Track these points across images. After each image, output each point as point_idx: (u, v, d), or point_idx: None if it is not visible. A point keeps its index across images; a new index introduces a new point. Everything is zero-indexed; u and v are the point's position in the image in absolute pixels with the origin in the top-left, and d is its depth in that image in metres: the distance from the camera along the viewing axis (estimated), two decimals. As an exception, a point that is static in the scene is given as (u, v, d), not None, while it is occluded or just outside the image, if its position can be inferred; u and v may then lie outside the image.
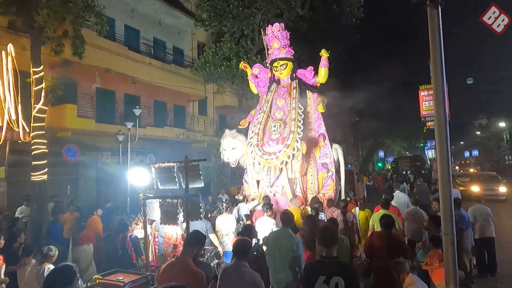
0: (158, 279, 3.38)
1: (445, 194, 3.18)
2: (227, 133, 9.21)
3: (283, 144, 8.08)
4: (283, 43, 9.41)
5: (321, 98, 9.40)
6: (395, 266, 4.08)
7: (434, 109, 3.26)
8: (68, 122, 12.76)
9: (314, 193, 8.47)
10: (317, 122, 9.30)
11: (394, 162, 39.84)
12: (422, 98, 15.53)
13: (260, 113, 9.32)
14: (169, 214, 5.22)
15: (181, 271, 3.19)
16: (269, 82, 9.78)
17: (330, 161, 8.91)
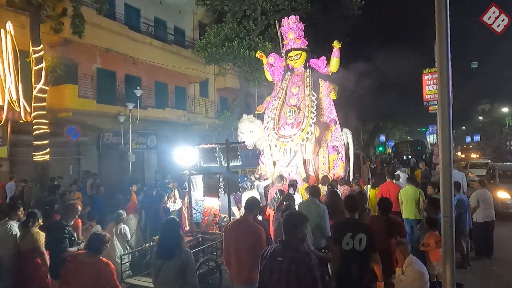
0: (226, 234, 4.07)
1: (445, 177, 3.19)
2: (245, 118, 10.01)
3: (298, 128, 8.89)
4: (298, 34, 10.07)
5: (332, 86, 9.94)
6: (399, 246, 4.16)
7: (438, 91, 3.23)
8: (69, 102, 12.72)
9: (325, 173, 9.13)
10: (329, 108, 9.99)
11: (395, 146, 39.87)
12: (425, 82, 15.38)
13: (275, 99, 10.04)
14: (211, 187, 6.17)
15: (245, 226, 3.92)
16: (284, 70, 10.44)
17: (340, 144, 9.62)
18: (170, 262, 3.19)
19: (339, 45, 9.72)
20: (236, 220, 4.36)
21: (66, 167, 12.66)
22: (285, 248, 2.80)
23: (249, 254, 3.71)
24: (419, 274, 4.05)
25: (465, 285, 5.50)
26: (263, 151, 9.95)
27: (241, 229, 3.91)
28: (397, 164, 15.07)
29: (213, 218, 6.97)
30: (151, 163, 17.44)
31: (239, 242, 3.84)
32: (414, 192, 7.05)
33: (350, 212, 3.91)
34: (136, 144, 15.51)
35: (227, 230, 4.07)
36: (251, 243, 3.77)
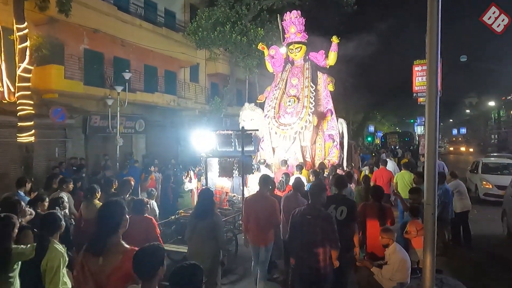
0: (246, 205, 5.04)
1: (430, 166, 3.24)
2: (246, 106, 10.49)
3: (297, 117, 9.60)
4: (299, 29, 10.68)
5: (330, 79, 10.58)
6: (385, 233, 4.26)
7: (427, 80, 3.24)
8: (55, 83, 12.39)
9: (321, 159, 9.84)
10: (326, 99, 10.61)
11: (383, 136, 40.37)
12: (415, 73, 15.53)
13: (276, 89, 10.64)
14: (226, 169, 7.00)
15: (262, 199, 4.83)
16: (284, 62, 10.99)
17: (336, 133, 10.25)
18: (204, 221, 3.91)
19: (338, 40, 10.27)
20: (255, 194, 5.19)
21: (52, 149, 12.46)
22: (311, 209, 3.82)
23: (266, 221, 4.63)
24: (402, 261, 4.15)
25: (445, 272, 5.67)
26: (263, 138, 10.43)
27: (259, 201, 4.82)
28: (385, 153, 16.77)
29: (225, 196, 7.76)
30: (140, 148, 17.26)
31: (258, 211, 4.71)
32: (409, 176, 8.14)
33: (337, 188, 4.68)
34: (124, 128, 15.28)
35: (247, 202, 5.02)
36: (268, 212, 4.68)
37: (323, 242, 3.67)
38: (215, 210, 4.21)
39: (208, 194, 4.22)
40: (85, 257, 2.39)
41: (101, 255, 2.34)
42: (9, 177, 11.28)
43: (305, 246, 3.73)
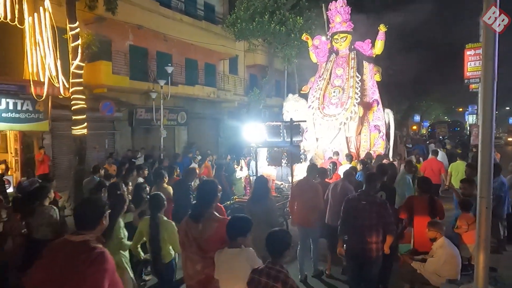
0: (293, 189, 5.67)
1: (484, 157, 3.04)
2: (291, 97, 10.63)
3: (342, 107, 9.60)
4: (344, 18, 10.58)
5: (376, 68, 10.44)
6: (432, 226, 4.07)
7: (482, 66, 3.03)
8: (104, 78, 13.13)
9: (366, 150, 9.80)
10: (372, 89, 10.48)
11: (431, 126, 38.17)
12: (467, 58, 14.47)
13: (320, 80, 10.61)
14: (275, 158, 7.42)
15: (308, 184, 5.37)
16: (329, 52, 10.91)
17: (382, 123, 10.13)
18: (259, 206, 4.19)
19: (385, 29, 10.07)
20: (301, 179, 5.72)
21: (102, 141, 13.26)
22: (366, 195, 4.01)
23: (310, 203, 5.08)
24: (450, 256, 3.95)
25: (500, 270, 5.32)
26: (307, 129, 10.44)
27: (305, 186, 5.37)
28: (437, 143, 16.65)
29: (271, 184, 7.90)
30: (182, 139, 17.86)
31: (303, 195, 5.24)
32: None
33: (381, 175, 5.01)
34: (167, 120, 15.88)
35: (295, 187, 5.69)
36: (312, 196, 5.17)
37: (377, 226, 3.84)
38: (269, 196, 4.52)
39: (263, 181, 4.52)
40: (187, 224, 2.94)
41: (199, 222, 2.88)
42: (63, 167, 12.24)
43: (357, 230, 3.90)
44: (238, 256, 2.69)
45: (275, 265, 2.50)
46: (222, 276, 2.74)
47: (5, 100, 9.91)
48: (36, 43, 10.01)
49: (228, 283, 2.73)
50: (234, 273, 2.66)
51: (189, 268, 2.93)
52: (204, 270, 2.84)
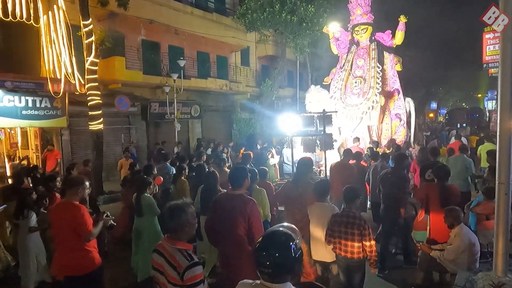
0: (331, 170, 6.66)
1: (503, 143, 2.97)
2: (313, 88, 10.76)
3: (364, 97, 9.96)
4: (365, 10, 10.85)
5: (397, 58, 10.72)
6: (449, 213, 4.00)
7: (500, 48, 2.94)
8: (118, 74, 13.32)
9: (387, 138, 10.24)
10: (393, 79, 10.78)
11: (448, 113, 37.29)
12: (486, 41, 14.05)
13: (341, 71, 10.94)
14: (309, 146, 8.08)
15: (345, 165, 6.49)
16: (350, 44, 11.16)
17: (403, 112, 10.46)
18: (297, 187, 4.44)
19: (405, 19, 10.36)
20: (338, 161, 6.90)
21: (118, 135, 13.51)
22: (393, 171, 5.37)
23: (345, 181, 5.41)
24: (469, 244, 3.89)
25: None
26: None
27: (341, 167, 6.44)
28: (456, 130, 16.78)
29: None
30: (196, 132, 18.02)
31: (341, 174, 6.17)
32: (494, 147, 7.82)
33: (432, 156, 6.18)
34: (181, 113, 16.02)
35: (333, 168, 6.64)
36: (347, 174, 6.13)
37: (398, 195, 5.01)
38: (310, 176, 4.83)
39: (305, 162, 4.79)
40: (289, 188, 4.49)
41: (299, 186, 4.31)
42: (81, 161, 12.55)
43: (385, 196, 5.27)
44: (324, 208, 3.89)
45: (350, 209, 3.70)
46: (314, 221, 3.91)
47: (24, 97, 10.19)
48: (51, 41, 10.22)
49: (317, 227, 3.87)
50: (321, 220, 3.81)
51: (291, 219, 4.04)
52: (302, 220, 3.96)
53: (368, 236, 3.52)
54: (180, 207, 2.31)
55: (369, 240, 3.54)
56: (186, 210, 2.30)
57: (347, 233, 3.58)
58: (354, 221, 3.57)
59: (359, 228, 3.52)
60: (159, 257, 2.25)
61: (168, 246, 2.25)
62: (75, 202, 3.27)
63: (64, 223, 3.20)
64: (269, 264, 1.59)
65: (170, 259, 2.19)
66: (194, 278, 2.11)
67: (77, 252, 3.20)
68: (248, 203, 3.10)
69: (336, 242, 3.69)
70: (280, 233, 1.68)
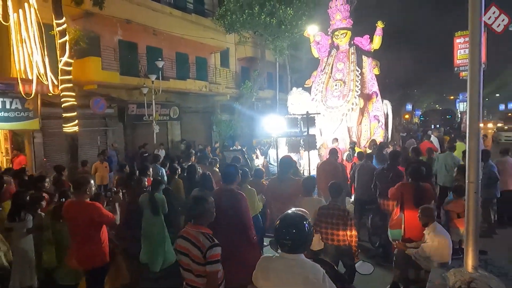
0: (318, 168, 6.98)
1: (472, 143, 3.09)
2: (295, 91, 11.05)
3: (344, 99, 10.25)
4: (344, 15, 11.12)
5: (375, 62, 11.08)
6: (424, 212, 4.12)
7: (469, 52, 3.05)
8: (94, 75, 12.98)
9: (367, 139, 10.55)
10: (371, 82, 11.08)
11: (423, 114, 38.49)
12: (457, 46, 14.64)
13: (322, 74, 11.19)
14: (293, 146, 8.43)
15: (331, 164, 6.77)
16: (330, 48, 11.48)
17: (381, 113, 10.76)
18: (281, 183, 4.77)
19: (383, 25, 10.73)
20: (325, 160, 7.17)
21: (94, 138, 13.17)
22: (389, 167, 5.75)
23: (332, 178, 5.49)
24: (442, 241, 4.02)
25: (490, 253, 5.44)
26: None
27: (328, 165, 6.72)
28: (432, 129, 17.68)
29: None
30: (175, 134, 17.80)
31: (327, 172, 6.43)
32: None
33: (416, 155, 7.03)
34: (160, 115, 15.79)
35: (319, 166, 7.03)
36: (334, 173, 6.37)
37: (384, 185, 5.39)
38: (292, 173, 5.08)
39: (287, 160, 5.08)
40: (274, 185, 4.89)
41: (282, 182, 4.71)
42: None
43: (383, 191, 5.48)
44: (311, 201, 4.26)
45: (336, 202, 4.16)
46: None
47: (-7, 99, 9.77)
48: (22, 40, 9.84)
49: None
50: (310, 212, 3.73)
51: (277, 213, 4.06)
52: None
53: (350, 227, 3.94)
54: (203, 197, 2.85)
55: (351, 230, 3.95)
56: (208, 200, 2.81)
57: (333, 224, 4.00)
58: (339, 213, 4.01)
59: (343, 219, 3.96)
60: (184, 242, 2.65)
61: (193, 230, 2.67)
62: (87, 201, 3.60)
63: (81, 221, 3.53)
64: (289, 238, 2.02)
65: (195, 241, 2.60)
66: (215, 256, 2.56)
67: (94, 245, 3.59)
68: (238, 196, 3.58)
69: (323, 232, 4.08)
70: (295, 215, 2.14)
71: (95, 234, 3.59)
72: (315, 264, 2.07)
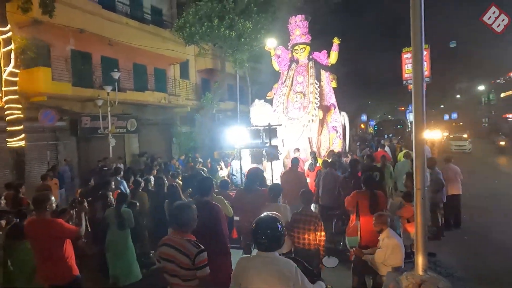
0: (282, 178, 7.15)
1: (418, 151, 3.29)
2: (257, 103, 11.29)
3: (304, 111, 10.66)
4: (303, 31, 11.62)
5: (332, 76, 11.56)
6: (378, 219, 4.29)
7: (412, 68, 3.28)
8: (43, 86, 12.22)
9: (326, 149, 10.95)
10: (329, 94, 11.59)
11: (377, 125, 40.57)
12: (404, 60, 15.67)
13: (283, 87, 11.58)
14: (256, 157, 8.55)
15: (294, 173, 7.08)
16: (290, 61, 11.90)
17: (339, 124, 11.24)
18: (248, 193, 4.99)
19: (339, 41, 11.23)
20: (288, 170, 7.39)
21: (43, 153, 12.34)
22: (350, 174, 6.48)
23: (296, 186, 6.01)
24: (395, 246, 4.20)
25: (438, 255, 5.78)
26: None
27: (291, 174, 7.04)
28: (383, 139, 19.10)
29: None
30: (133, 147, 17.18)
31: (290, 181, 6.63)
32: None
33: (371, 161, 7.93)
34: (116, 128, 15.17)
35: (283, 176, 7.24)
36: (297, 181, 6.65)
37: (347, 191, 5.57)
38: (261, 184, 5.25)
39: (255, 171, 5.26)
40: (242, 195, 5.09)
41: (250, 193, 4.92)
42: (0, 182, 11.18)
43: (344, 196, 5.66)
44: (277, 207, 4.40)
45: (308, 210, 4.48)
46: None
47: None
48: (-40, 48, 9.09)
49: None
50: None
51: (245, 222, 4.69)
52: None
53: (320, 228, 4.32)
54: (188, 206, 2.94)
55: (320, 231, 4.32)
56: (192, 208, 2.90)
57: (305, 229, 4.31)
58: (311, 219, 4.33)
59: (314, 224, 4.29)
60: (170, 249, 2.74)
61: (178, 238, 2.77)
62: (49, 218, 3.59)
63: (43, 239, 3.54)
64: (264, 238, 2.31)
65: (182, 248, 2.71)
66: (203, 261, 2.71)
67: (59, 261, 3.58)
68: (215, 208, 3.83)
69: (295, 236, 4.37)
70: (270, 217, 2.43)
71: (59, 250, 3.61)
72: (288, 260, 2.37)
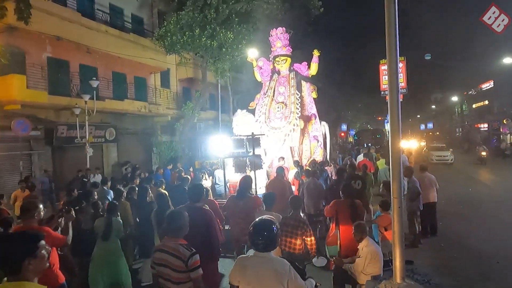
0: (268, 186, 7.28)
1: (394, 161, 3.37)
2: (239, 112, 11.37)
3: (286, 121, 10.88)
4: (284, 43, 11.90)
5: (313, 87, 11.82)
6: (357, 228, 4.34)
7: (388, 80, 3.38)
8: (17, 94, 11.83)
9: (308, 158, 11.09)
10: (310, 105, 11.82)
11: (356, 134, 41.36)
12: (382, 72, 16.10)
13: (265, 97, 11.81)
14: (240, 166, 8.60)
15: (280, 182, 7.23)
16: (271, 72, 12.13)
17: (320, 134, 11.42)
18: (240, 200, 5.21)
19: (318, 53, 11.50)
20: (273, 179, 7.51)
21: (16, 163, 11.88)
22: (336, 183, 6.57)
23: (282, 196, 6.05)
24: (374, 254, 4.25)
25: (416, 262, 5.88)
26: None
27: (277, 183, 7.19)
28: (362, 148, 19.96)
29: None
30: (111, 156, 16.79)
31: (276, 189, 6.50)
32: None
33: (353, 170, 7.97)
34: (94, 137, 14.82)
35: (269, 184, 7.42)
36: (283, 189, 6.79)
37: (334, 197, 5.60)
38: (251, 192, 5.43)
39: (246, 179, 5.42)
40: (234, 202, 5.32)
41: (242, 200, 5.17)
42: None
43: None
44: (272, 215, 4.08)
45: (297, 215, 4.62)
46: None
47: None
48: None
49: None
50: None
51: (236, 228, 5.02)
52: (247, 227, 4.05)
53: (309, 233, 4.46)
54: (180, 212, 3.13)
55: (310, 236, 4.46)
56: (184, 215, 3.08)
57: (292, 233, 4.44)
58: (299, 224, 4.46)
59: (302, 229, 4.43)
60: (163, 254, 2.89)
61: (171, 243, 2.92)
62: (36, 226, 3.52)
63: None
64: (261, 239, 2.53)
65: (175, 252, 2.86)
66: (196, 263, 2.86)
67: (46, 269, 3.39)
68: (208, 214, 4.01)
69: (282, 239, 4.43)
70: (266, 220, 2.66)
71: None
72: (282, 259, 2.59)
